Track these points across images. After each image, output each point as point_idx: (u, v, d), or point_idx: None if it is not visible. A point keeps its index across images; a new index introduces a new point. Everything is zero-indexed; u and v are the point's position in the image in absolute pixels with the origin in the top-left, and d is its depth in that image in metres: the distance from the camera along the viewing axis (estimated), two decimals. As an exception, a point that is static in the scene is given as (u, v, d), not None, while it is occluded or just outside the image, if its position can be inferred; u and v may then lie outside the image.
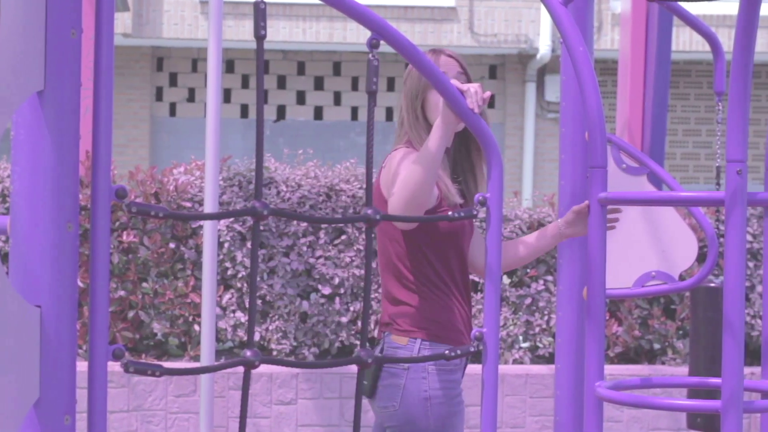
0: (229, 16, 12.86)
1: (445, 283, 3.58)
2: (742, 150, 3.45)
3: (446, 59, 3.65)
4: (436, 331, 3.55)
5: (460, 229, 3.61)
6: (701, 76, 14.17)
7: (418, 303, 3.56)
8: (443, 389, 3.51)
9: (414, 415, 3.51)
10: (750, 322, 7.86)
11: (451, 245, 3.57)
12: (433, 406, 3.50)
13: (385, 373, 3.55)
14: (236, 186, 7.60)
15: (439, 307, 3.56)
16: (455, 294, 3.60)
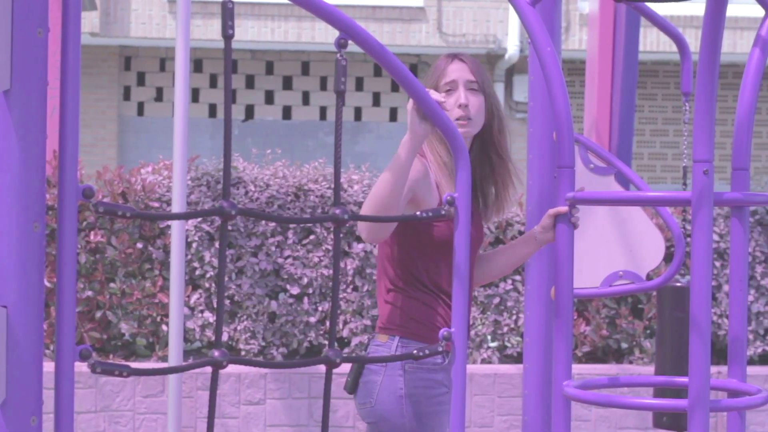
0: (197, 15, 12.82)
1: (435, 285, 3.56)
2: (708, 150, 3.47)
3: (457, 65, 3.61)
4: (413, 329, 3.54)
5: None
6: (668, 77, 14.23)
7: (401, 302, 3.56)
8: (420, 388, 3.50)
9: (389, 413, 3.51)
10: (716, 322, 7.90)
11: (443, 253, 3.54)
12: (407, 405, 3.50)
13: (366, 370, 3.57)
14: (204, 186, 7.58)
15: (422, 306, 3.55)
16: (443, 298, 3.57)
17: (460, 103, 3.53)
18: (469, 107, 3.54)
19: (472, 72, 3.57)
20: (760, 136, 14.28)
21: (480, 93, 3.58)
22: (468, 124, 3.55)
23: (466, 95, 3.54)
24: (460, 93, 3.55)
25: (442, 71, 3.58)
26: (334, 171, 2.82)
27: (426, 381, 3.51)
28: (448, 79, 3.56)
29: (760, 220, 7.99)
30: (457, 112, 3.54)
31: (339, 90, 2.83)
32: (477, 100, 3.56)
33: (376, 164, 12.93)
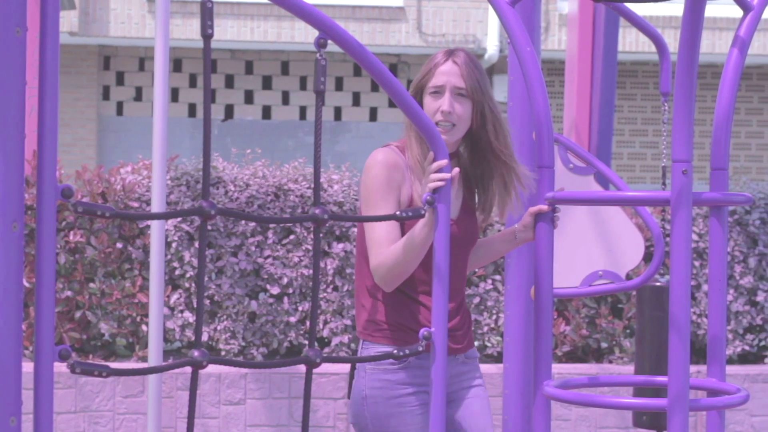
0: (176, 14, 12.80)
1: (411, 287, 3.53)
2: (687, 150, 3.48)
3: (449, 67, 3.55)
4: (371, 331, 3.55)
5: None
6: (647, 77, 14.26)
7: (370, 305, 3.56)
8: (377, 389, 3.49)
9: (357, 413, 3.56)
10: (696, 321, 7.92)
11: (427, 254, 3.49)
12: (368, 405, 3.51)
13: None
14: (184, 185, 7.57)
15: (390, 308, 3.53)
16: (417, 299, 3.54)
17: (442, 110, 3.50)
18: (453, 114, 3.50)
19: (462, 77, 3.51)
20: (739, 136, 14.33)
21: (467, 99, 3.52)
22: (449, 131, 3.51)
23: (451, 102, 3.50)
24: (444, 100, 3.50)
25: (433, 71, 3.53)
26: (314, 171, 2.82)
27: (382, 382, 3.50)
28: (436, 82, 3.52)
29: (739, 220, 8.02)
30: (438, 116, 3.51)
31: (319, 90, 2.83)
32: (462, 108, 3.51)
33: (356, 164, 12.92)
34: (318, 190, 2.81)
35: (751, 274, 8.00)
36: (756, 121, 14.42)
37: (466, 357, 3.67)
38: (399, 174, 3.51)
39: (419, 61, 13.86)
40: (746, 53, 3.80)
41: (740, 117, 14.31)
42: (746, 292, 8.02)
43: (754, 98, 14.42)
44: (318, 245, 2.82)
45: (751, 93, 14.40)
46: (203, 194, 2.46)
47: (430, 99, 3.52)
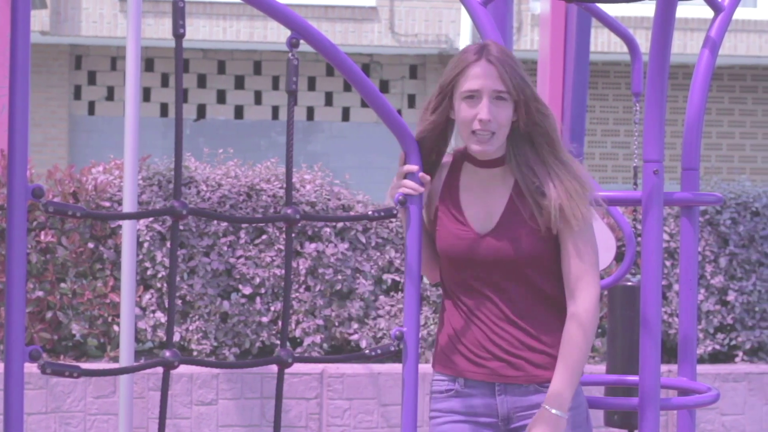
0: (148, 14, 12.76)
1: (458, 305, 3.27)
2: (658, 150, 3.49)
3: (484, 69, 3.15)
4: (434, 358, 3.36)
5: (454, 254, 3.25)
6: (619, 77, 14.31)
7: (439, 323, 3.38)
8: (432, 419, 3.33)
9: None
10: (667, 321, 7.95)
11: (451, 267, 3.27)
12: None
13: None
14: (156, 185, 7.55)
15: (443, 331, 3.32)
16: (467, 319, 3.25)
17: (480, 118, 3.12)
18: (492, 122, 3.13)
19: (500, 78, 3.13)
20: (710, 136, 14.39)
21: (509, 102, 3.15)
22: (488, 141, 3.16)
23: (490, 109, 3.13)
24: (483, 106, 3.13)
25: (466, 73, 3.16)
26: (286, 171, 2.82)
27: (433, 412, 3.32)
28: (471, 86, 3.14)
29: (710, 220, 8.05)
30: (476, 125, 3.14)
31: (291, 89, 2.82)
32: (502, 113, 3.14)
33: (328, 164, 12.91)
34: (290, 190, 2.81)
35: (721, 274, 8.03)
36: (727, 122, 14.49)
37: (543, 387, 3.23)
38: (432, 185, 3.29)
39: (392, 61, 13.86)
40: (717, 54, 3.82)
41: (711, 117, 14.38)
42: (717, 291, 8.05)
43: (725, 99, 14.49)
44: (290, 245, 2.82)
45: (722, 93, 14.47)
46: (175, 194, 2.45)
47: (465, 105, 3.15)
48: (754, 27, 13.57)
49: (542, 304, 3.22)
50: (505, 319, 3.21)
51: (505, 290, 3.21)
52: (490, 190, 3.24)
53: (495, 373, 3.21)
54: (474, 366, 3.23)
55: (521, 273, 3.20)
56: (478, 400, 3.24)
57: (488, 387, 3.23)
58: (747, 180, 8.57)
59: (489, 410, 3.24)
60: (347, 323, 7.67)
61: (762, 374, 7.93)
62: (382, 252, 7.76)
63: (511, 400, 3.22)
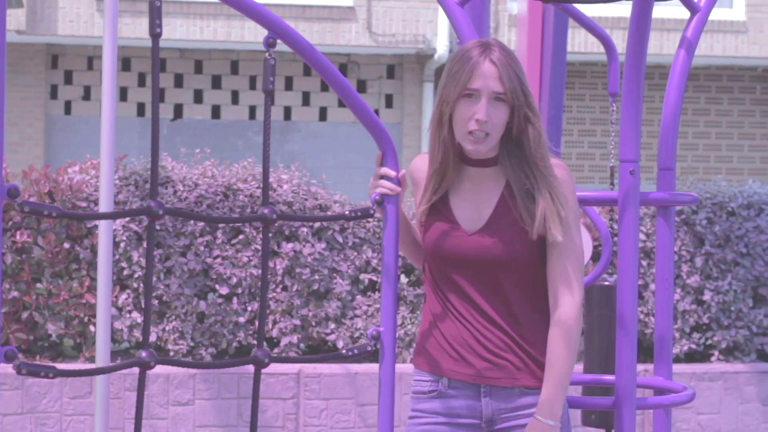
0: (125, 13, 12.73)
1: (443, 304, 3.26)
2: (634, 150, 3.50)
3: (487, 69, 3.15)
4: (416, 357, 3.33)
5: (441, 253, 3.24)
6: (596, 77, 14.34)
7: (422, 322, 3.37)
8: (411, 419, 3.30)
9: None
10: (643, 320, 7.97)
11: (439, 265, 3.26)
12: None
13: None
14: (132, 185, 7.53)
15: (426, 331, 3.30)
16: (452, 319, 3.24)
17: (477, 118, 3.12)
18: (488, 123, 3.13)
19: (500, 79, 3.12)
20: (686, 136, 14.44)
21: (506, 104, 3.15)
22: (481, 141, 3.16)
23: (487, 110, 3.12)
24: (481, 107, 3.12)
25: (471, 72, 3.14)
26: (263, 170, 2.81)
27: (414, 411, 3.29)
28: (472, 86, 3.13)
29: (686, 220, 8.08)
30: (472, 125, 3.14)
31: (267, 89, 2.82)
32: (499, 114, 3.14)
33: (305, 164, 12.90)
34: (267, 190, 2.81)
35: (697, 274, 8.06)
36: (703, 122, 14.54)
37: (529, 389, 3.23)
38: (415, 188, 3.34)
39: (369, 61, 13.86)
40: (693, 54, 3.83)
41: (687, 117, 14.42)
42: (693, 291, 8.08)
43: (701, 99, 14.54)
44: (266, 245, 2.82)
45: (698, 94, 14.52)
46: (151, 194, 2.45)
47: (463, 103, 3.15)
48: (730, 27, 13.63)
49: (529, 306, 3.22)
50: (491, 320, 3.20)
51: (491, 290, 3.20)
52: (481, 190, 3.24)
53: (480, 375, 3.20)
54: (459, 366, 3.21)
55: (508, 273, 3.18)
56: (461, 401, 3.23)
57: (473, 388, 3.22)
58: (723, 180, 8.61)
59: (472, 412, 3.22)
60: (324, 323, 7.67)
61: (737, 373, 7.96)
62: (359, 252, 7.76)
63: (496, 402, 3.21)
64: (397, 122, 13.83)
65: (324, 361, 3.09)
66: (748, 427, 7.92)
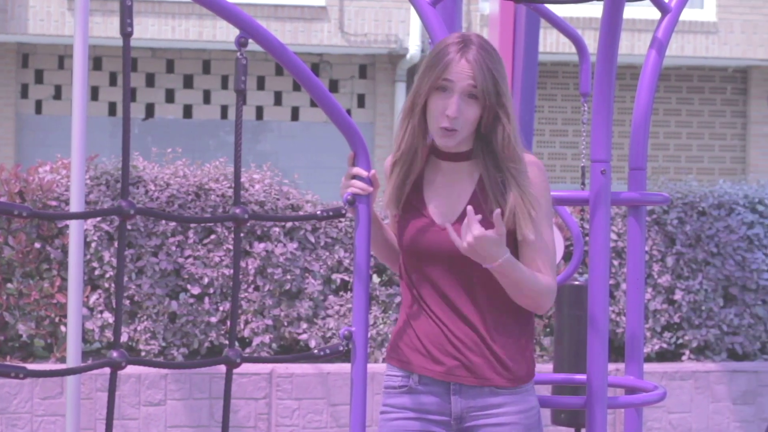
0: (96, 12, 12.69)
1: (416, 301, 3.27)
2: (606, 150, 3.51)
3: (463, 65, 3.15)
4: (388, 352, 3.33)
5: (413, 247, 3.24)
6: (568, 78, 14.38)
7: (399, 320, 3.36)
8: (382, 414, 3.32)
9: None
10: (614, 320, 8.00)
11: (413, 261, 3.26)
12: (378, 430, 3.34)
13: None
14: (104, 185, 7.51)
15: (400, 326, 3.31)
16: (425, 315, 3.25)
17: (447, 114, 3.13)
18: (458, 119, 3.14)
19: (473, 78, 3.13)
20: (657, 136, 14.49)
21: (478, 102, 3.15)
22: (451, 136, 3.16)
23: (459, 106, 3.13)
24: (452, 102, 3.14)
25: (445, 67, 3.15)
26: (235, 170, 2.81)
27: (384, 407, 3.31)
28: (445, 80, 3.15)
29: (657, 220, 8.10)
30: (442, 120, 3.15)
31: (239, 89, 2.82)
32: (470, 110, 3.15)
33: (277, 163, 12.89)
34: (238, 190, 2.81)
35: (668, 273, 8.09)
36: (674, 122, 14.60)
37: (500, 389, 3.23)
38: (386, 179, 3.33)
39: (341, 61, 13.85)
40: (664, 54, 3.85)
41: (658, 117, 14.48)
42: (664, 290, 8.11)
43: (672, 99, 14.60)
44: (238, 245, 2.81)
45: (669, 94, 14.58)
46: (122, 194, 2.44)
47: (436, 96, 3.17)
48: (700, 28, 13.69)
49: (501, 305, 3.22)
50: (463, 318, 3.20)
51: (463, 287, 3.20)
52: (455, 184, 3.24)
53: (450, 373, 3.20)
54: (430, 363, 3.22)
55: (479, 269, 3.16)
56: (431, 398, 3.23)
57: (443, 386, 3.22)
58: (694, 180, 8.64)
59: (442, 409, 3.23)
60: (296, 323, 7.66)
61: (708, 372, 7.99)
62: (331, 252, 7.76)
63: (465, 400, 3.22)
64: (369, 122, 13.84)
65: (296, 361, 3.09)
66: (719, 425, 7.96)
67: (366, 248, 3.19)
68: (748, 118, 14.56)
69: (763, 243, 8.23)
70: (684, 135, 14.64)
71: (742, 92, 14.63)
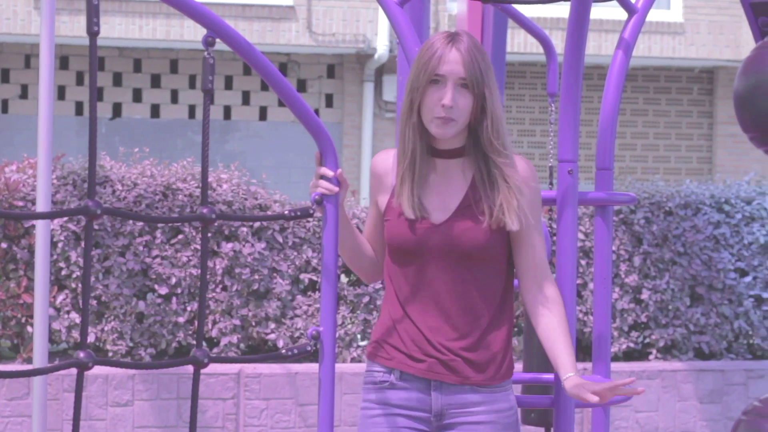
0: (63, 11, 12.63)
1: (401, 298, 3.27)
2: (573, 150, 3.52)
3: (454, 56, 3.19)
4: (370, 348, 3.33)
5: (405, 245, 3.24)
6: (535, 78, 14.42)
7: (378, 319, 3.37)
8: (362, 409, 3.33)
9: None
10: (582, 319, 8.02)
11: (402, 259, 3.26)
12: (358, 426, 3.35)
13: None
14: (70, 185, 7.47)
15: (383, 323, 3.31)
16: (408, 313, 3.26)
17: (443, 103, 3.17)
18: (454, 109, 3.18)
19: (464, 66, 3.18)
20: (624, 136, 14.55)
21: (469, 92, 3.20)
22: (448, 125, 3.20)
23: (453, 95, 3.18)
24: (447, 91, 3.18)
25: (438, 58, 3.19)
26: (202, 170, 2.81)
27: (364, 402, 3.32)
28: (439, 71, 3.18)
29: (624, 219, 8.14)
30: (438, 110, 3.18)
31: (206, 88, 2.81)
32: (464, 101, 3.19)
33: (245, 163, 12.85)
34: (206, 190, 2.80)
35: (635, 273, 8.12)
36: (641, 122, 14.66)
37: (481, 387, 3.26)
38: (379, 181, 3.35)
39: (309, 61, 13.84)
40: (631, 55, 3.86)
41: (626, 118, 14.53)
42: (631, 290, 8.14)
43: (639, 99, 14.66)
44: (206, 245, 2.81)
45: (636, 94, 14.63)
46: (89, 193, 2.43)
47: (430, 90, 3.20)
48: (667, 29, 13.75)
49: (490, 303, 3.25)
50: (446, 317, 3.22)
51: (452, 286, 3.22)
52: (447, 181, 3.26)
53: (431, 370, 3.22)
54: (411, 360, 3.23)
55: (471, 266, 3.22)
56: (412, 393, 3.25)
57: (423, 382, 3.24)
58: (660, 180, 8.68)
59: (422, 405, 3.24)
60: (264, 323, 7.65)
61: (675, 371, 8.03)
62: (299, 251, 7.75)
63: (446, 397, 3.23)
64: (337, 122, 13.83)
65: (264, 361, 3.09)
66: (686, 424, 8.00)
67: (334, 248, 3.19)
68: (715, 119, 14.63)
69: (729, 243, 8.27)
70: (651, 135, 14.70)
71: (708, 93, 14.70)
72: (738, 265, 8.29)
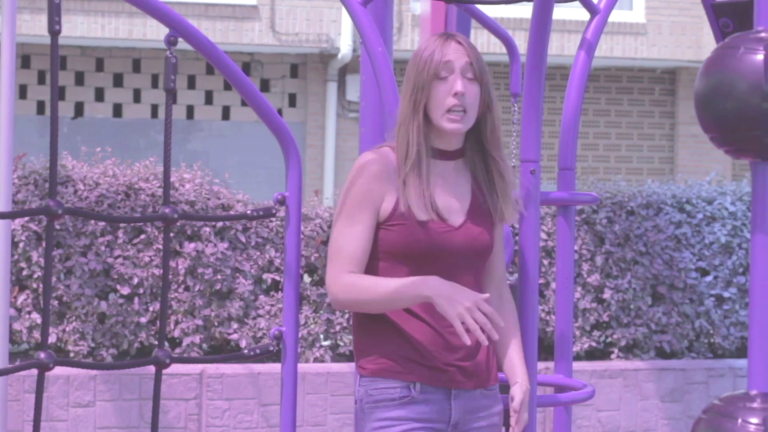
0: (24, 9, 12.56)
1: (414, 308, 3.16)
2: (535, 150, 3.53)
3: (456, 47, 3.14)
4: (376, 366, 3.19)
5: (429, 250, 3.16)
6: (499, 78, 14.45)
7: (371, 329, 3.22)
8: (380, 429, 3.16)
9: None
10: (544, 318, 8.05)
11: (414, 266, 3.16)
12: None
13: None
14: (32, 184, 7.44)
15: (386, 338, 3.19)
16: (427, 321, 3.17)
17: (455, 91, 3.11)
18: (466, 97, 3.14)
19: (468, 56, 3.16)
20: (587, 136, 14.61)
21: (477, 82, 3.17)
22: (462, 118, 3.15)
23: (464, 83, 3.14)
24: (456, 79, 3.14)
25: (441, 52, 3.15)
26: (164, 169, 2.80)
27: (380, 422, 3.16)
28: (445, 59, 3.14)
29: (587, 219, 8.17)
30: (450, 101, 3.13)
31: (169, 88, 2.81)
32: (473, 90, 3.17)
33: (208, 163, 12.83)
34: (168, 189, 2.79)
35: (597, 272, 8.16)
36: (603, 122, 14.72)
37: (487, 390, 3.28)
38: (382, 186, 3.16)
39: (272, 60, 13.82)
40: (593, 55, 3.88)
41: (588, 118, 14.59)
42: (593, 289, 8.18)
43: (602, 100, 14.72)
44: (168, 245, 2.80)
45: (598, 95, 14.70)
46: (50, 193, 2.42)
47: (438, 85, 3.15)
48: (629, 29, 13.81)
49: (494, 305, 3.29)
50: None
51: (475, 287, 3.23)
52: (454, 182, 3.24)
53: (452, 380, 3.17)
54: (432, 372, 3.16)
55: (482, 266, 3.28)
56: (433, 405, 3.18)
57: (444, 392, 3.19)
58: (622, 180, 8.72)
59: (442, 416, 3.19)
60: (227, 323, 7.63)
61: (637, 371, 8.07)
62: (262, 251, 7.74)
63: (463, 403, 3.21)
64: (300, 121, 13.81)
65: (226, 361, 3.08)
66: (647, 423, 8.04)
67: (296, 248, 3.19)
68: (676, 119, 14.72)
69: (691, 242, 8.32)
70: (613, 135, 14.76)
71: (670, 93, 14.78)
72: (699, 264, 8.34)
